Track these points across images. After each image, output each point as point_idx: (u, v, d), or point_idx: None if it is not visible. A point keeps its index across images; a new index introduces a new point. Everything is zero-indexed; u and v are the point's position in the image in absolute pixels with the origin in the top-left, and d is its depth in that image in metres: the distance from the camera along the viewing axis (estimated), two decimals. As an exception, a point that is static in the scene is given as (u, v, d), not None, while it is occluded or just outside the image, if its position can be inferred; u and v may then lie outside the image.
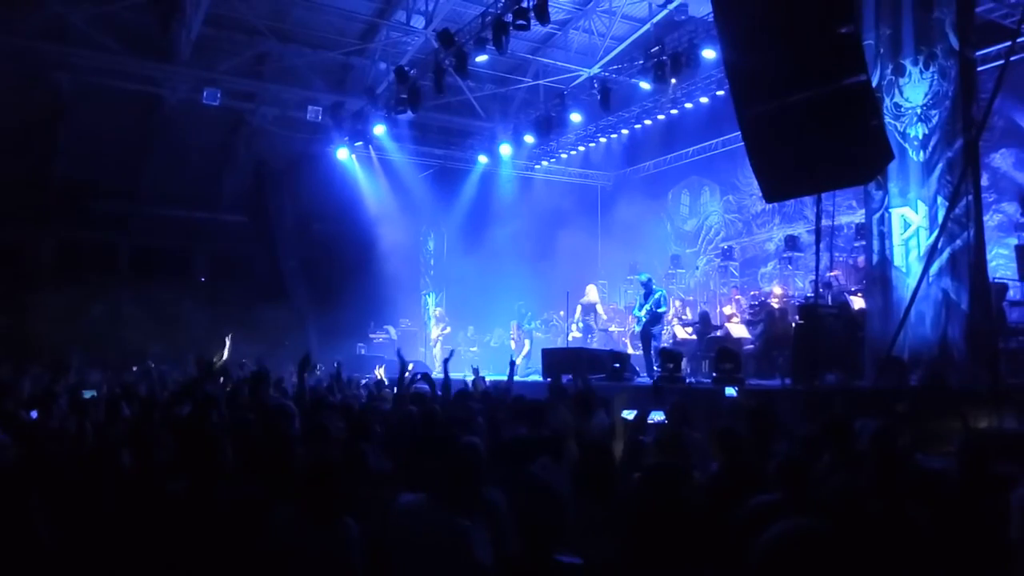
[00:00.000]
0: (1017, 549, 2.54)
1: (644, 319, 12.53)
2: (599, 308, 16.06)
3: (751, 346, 12.21)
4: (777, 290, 13.82)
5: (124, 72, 14.96)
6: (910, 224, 9.01)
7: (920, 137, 8.91)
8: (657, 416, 5.55)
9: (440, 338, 17.74)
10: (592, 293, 15.92)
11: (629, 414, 5.03)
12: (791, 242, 15.31)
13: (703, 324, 13.34)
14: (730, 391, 8.17)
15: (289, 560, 3.34)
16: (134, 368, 14.05)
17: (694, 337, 13.49)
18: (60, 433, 5.73)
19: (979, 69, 9.57)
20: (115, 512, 3.62)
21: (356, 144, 17.67)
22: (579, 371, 10.48)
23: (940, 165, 8.69)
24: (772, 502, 3.39)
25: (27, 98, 15.13)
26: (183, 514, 3.53)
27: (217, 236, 20.12)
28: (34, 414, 6.77)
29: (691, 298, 17.15)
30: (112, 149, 17.37)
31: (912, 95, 9.02)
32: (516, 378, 12.74)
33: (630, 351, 14.34)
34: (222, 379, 7.74)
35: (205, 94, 14.98)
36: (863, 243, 11.02)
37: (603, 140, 18.80)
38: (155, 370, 11.97)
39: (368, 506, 3.69)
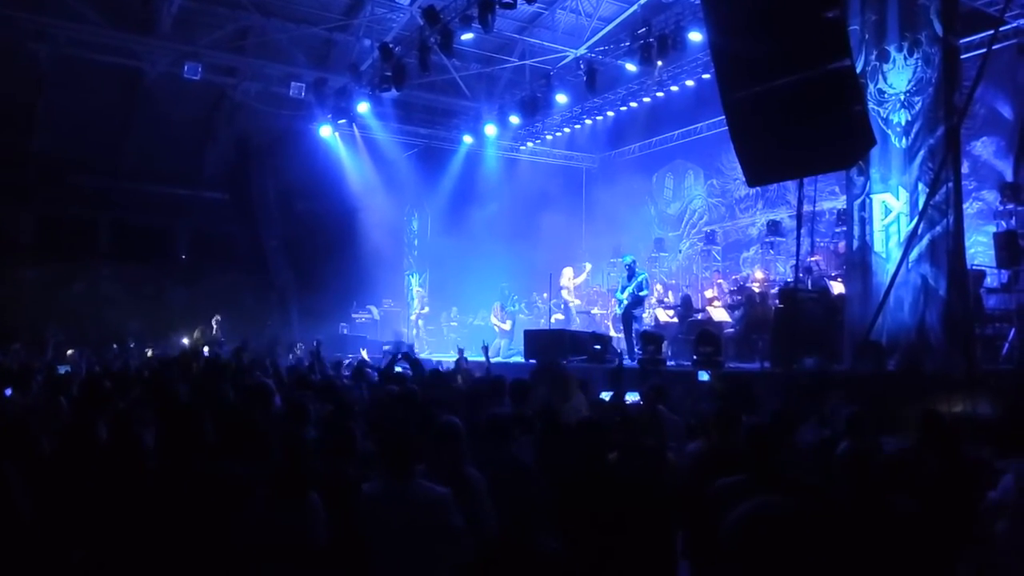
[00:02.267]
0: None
1: (626, 302, 12.56)
2: (564, 292, 16.06)
3: (732, 329, 12.29)
4: (759, 274, 13.91)
5: (104, 45, 14.69)
6: (891, 210, 9.06)
7: (903, 123, 8.95)
8: (632, 397, 5.59)
9: (420, 321, 17.62)
10: (564, 275, 15.94)
11: (606, 395, 5.06)
12: (773, 227, 15.37)
13: (685, 307, 13.40)
14: (703, 375, 8.21)
15: (255, 532, 3.36)
16: (114, 346, 13.96)
17: (676, 320, 13.56)
18: (34, 408, 5.68)
19: (963, 57, 9.61)
20: (92, 485, 3.61)
21: (339, 122, 17.49)
22: (560, 353, 10.56)
23: (922, 152, 8.74)
24: (736, 483, 3.42)
25: (5, 70, 14.87)
26: (159, 487, 3.52)
27: (198, 213, 19.93)
28: (8, 391, 6.71)
29: (674, 281, 17.22)
30: (92, 123, 17.12)
31: (896, 81, 9.05)
32: (498, 359, 12.82)
33: (612, 333, 14.38)
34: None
35: (186, 68, 14.73)
36: (844, 228, 11.09)
37: (588, 122, 18.75)
38: (134, 348, 11.92)
39: (355, 486, 3.70)
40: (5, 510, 3.31)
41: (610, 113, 18.04)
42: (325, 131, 17.76)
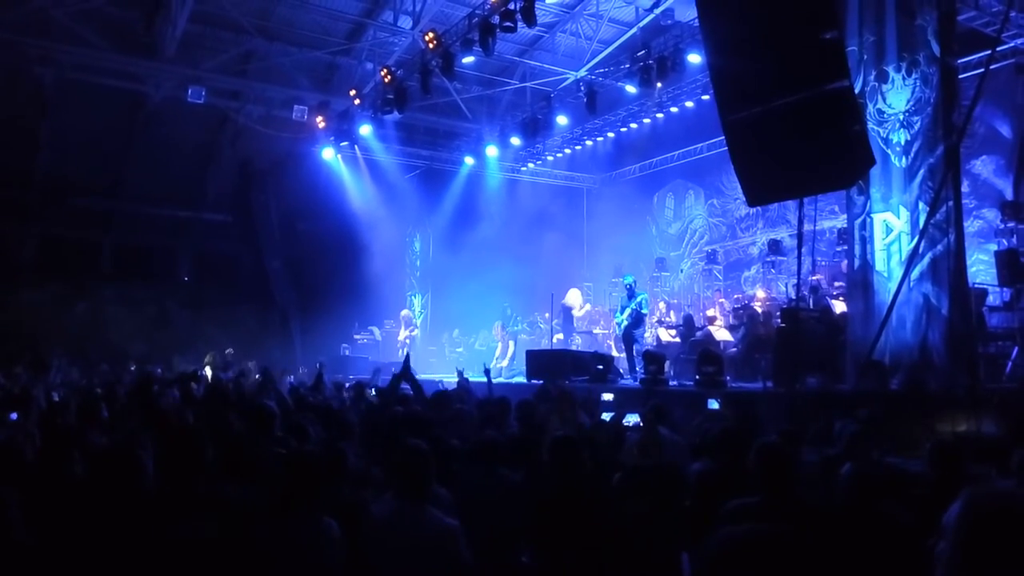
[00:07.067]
0: None
1: (626, 322, 12.56)
2: (575, 312, 15.91)
3: (734, 349, 12.25)
4: (760, 293, 13.90)
5: (108, 68, 14.84)
6: (892, 229, 9.07)
7: (902, 143, 8.98)
8: (633, 418, 5.58)
9: (407, 341, 17.50)
10: (571, 297, 15.83)
11: (606, 416, 5.05)
12: (774, 246, 15.38)
13: (687, 327, 13.38)
14: (712, 403, 8.11)
15: (269, 559, 3.31)
16: (103, 366, 13.92)
17: (678, 340, 13.53)
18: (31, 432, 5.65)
19: (961, 76, 9.67)
20: (90, 510, 3.58)
21: (342, 144, 17.62)
22: (562, 373, 10.54)
23: (922, 171, 8.76)
24: (749, 505, 3.40)
25: (9, 93, 14.98)
26: (164, 514, 3.49)
27: (201, 235, 20.01)
28: (14, 415, 6.67)
29: (675, 301, 17.21)
30: (95, 146, 17.22)
31: (895, 101, 9.10)
32: (501, 380, 12.80)
33: (614, 353, 14.35)
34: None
35: (190, 92, 14.89)
36: (845, 248, 11.09)
37: (589, 143, 18.84)
38: (137, 370, 11.89)
39: (348, 506, 3.67)
40: (4, 538, 3.28)
41: (610, 134, 18.15)
42: (328, 153, 17.87)
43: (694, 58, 13.08)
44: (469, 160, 19.31)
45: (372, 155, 18.33)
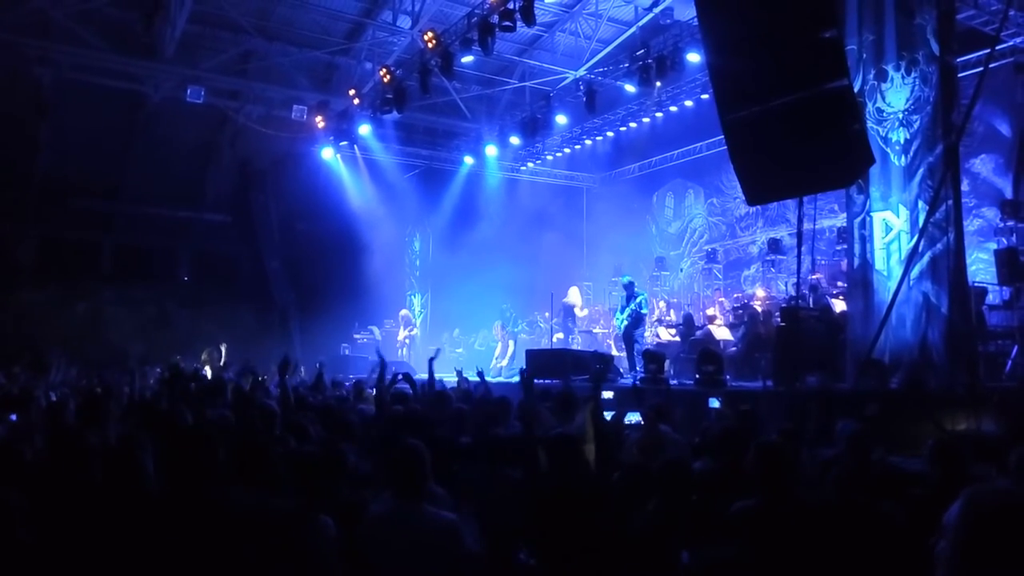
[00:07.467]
0: None
1: (626, 322, 12.58)
2: (577, 311, 15.91)
3: (734, 348, 12.26)
4: (760, 292, 13.91)
5: (107, 69, 14.85)
6: (891, 228, 9.07)
7: (902, 142, 8.98)
8: (634, 417, 5.58)
9: (407, 341, 17.51)
10: (572, 295, 15.84)
11: (607, 415, 5.04)
12: (774, 245, 15.39)
13: (687, 326, 13.38)
14: (714, 403, 8.11)
15: (265, 556, 3.31)
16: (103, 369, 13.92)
17: (678, 339, 13.54)
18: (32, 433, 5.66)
19: (960, 75, 9.67)
20: (95, 512, 3.58)
21: (341, 144, 17.63)
22: (562, 373, 10.54)
23: (921, 170, 8.75)
24: (751, 507, 3.40)
25: (8, 94, 14.97)
26: (164, 514, 3.50)
27: (200, 235, 20.01)
28: (14, 416, 6.68)
29: (675, 300, 17.23)
30: (95, 146, 17.21)
31: (894, 100, 9.09)
32: (500, 379, 12.81)
33: (614, 352, 14.36)
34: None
35: (189, 92, 14.90)
36: (844, 247, 11.10)
37: (588, 142, 18.85)
38: (138, 371, 11.84)
39: (348, 506, 3.67)
40: (8, 541, 3.28)
41: (610, 133, 18.15)
42: (327, 153, 17.87)
43: (693, 57, 13.09)
44: (468, 160, 19.32)
45: (371, 155, 18.34)
